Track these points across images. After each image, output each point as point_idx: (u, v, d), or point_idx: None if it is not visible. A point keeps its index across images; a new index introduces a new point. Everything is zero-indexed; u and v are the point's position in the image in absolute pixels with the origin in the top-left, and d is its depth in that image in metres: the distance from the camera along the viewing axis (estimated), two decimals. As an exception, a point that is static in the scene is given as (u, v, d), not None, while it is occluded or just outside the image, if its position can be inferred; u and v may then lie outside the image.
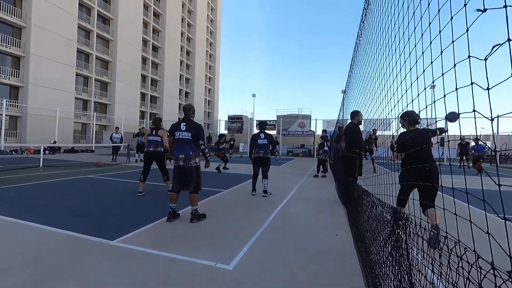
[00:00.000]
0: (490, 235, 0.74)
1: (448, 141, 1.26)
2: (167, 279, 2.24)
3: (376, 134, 10.99)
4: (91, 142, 25.77)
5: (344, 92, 8.52)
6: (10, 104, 21.74)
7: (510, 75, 0.53)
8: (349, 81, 6.50)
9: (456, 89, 0.86)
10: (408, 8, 1.41)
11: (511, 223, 1.04)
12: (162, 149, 5.65)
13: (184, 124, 3.88)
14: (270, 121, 26.22)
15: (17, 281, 2.15)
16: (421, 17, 1.20)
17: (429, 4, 1.09)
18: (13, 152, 17.06)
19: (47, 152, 17.59)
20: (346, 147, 5.12)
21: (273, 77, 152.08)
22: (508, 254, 0.61)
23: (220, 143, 11.06)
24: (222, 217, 4.12)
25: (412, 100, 1.33)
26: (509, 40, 0.58)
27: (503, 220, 0.68)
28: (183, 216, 4.04)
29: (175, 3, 42.16)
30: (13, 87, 22.42)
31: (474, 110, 0.76)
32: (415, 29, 1.30)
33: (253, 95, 34.15)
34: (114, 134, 13.79)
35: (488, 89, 0.67)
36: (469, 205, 0.79)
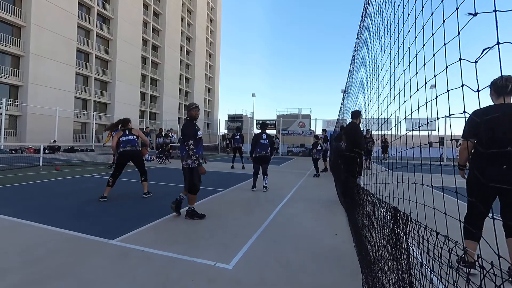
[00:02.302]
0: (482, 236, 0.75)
1: (446, 140, 1.27)
2: (167, 279, 2.25)
3: (371, 133, 10.99)
4: (91, 141, 25.78)
5: (344, 91, 8.53)
6: (10, 104, 21.75)
7: (500, 77, 0.54)
8: (349, 81, 6.51)
9: (448, 90, 0.88)
10: (403, 10, 1.42)
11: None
12: (136, 148, 5.37)
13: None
14: (270, 120, 26.22)
15: (17, 281, 2.16)
16: (415, 20, 1.21)
17: (422, 7, 1.10)
18: (13, 151, 17.08)
19: (47, 151, 17.61)
20: (346, 146, 5.13)
21: (273, 76, 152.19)
22: (497, 252, 0.62)
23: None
24: (222, 216, 4.13)
25: (405, 101, 1.35)
26: (498, 43, 0.59)
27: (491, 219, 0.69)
28: (182, 216, 4.05)
29: (175, 3, 42.12)
30: (13, 86, 22.43)
31: (464, 112, 0.77)
32: (409, 31, 1.31)
33: (253, 95, 34.18)
34: None
35: (478, 91, 0.69)
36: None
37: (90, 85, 29.01)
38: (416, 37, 1.19)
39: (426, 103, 1.03)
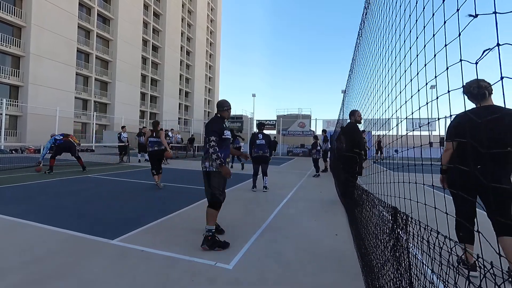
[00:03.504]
0: (480, 234, 0.75)
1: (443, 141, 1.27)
2: (167, 279, 2.25)
3: (364, 135, 10.97)
4: (91, 141, 25.78)
5: (344, 92, 8.53)
6: (10, 104, 21.77)
7: (500, 79, 0.54)
8: (349, 81, 6.50)
9: (448, 91, 0.88)
10: (404, 11, 1.42)
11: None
12: (162, 148, 6.44)
13: None
14: (270, 121, 26.23)
15: (17, 281, 2.16)
16: (416, 20, 1.21)
17: (424, 8, 1.10)
18: (13, 151, 17.08)
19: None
20: (346, 146, 5.13)
21: (273, 76, 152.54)
22: (498, 252, 0.62)
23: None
24: (222, 216, 4.12)
25: (406, 102, 1.35)
26: (498, 45, 0.60)
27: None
28: (182, 216, 4.05)
29: (175, 3, 42.16)
30: (13, 86, 22.45)
31: (465, 111, 0.77)
32: (410, 31, 1.32)
33: (253, 95, 34.18)
34: (122, 133, 13.04)
35: (478, 92, 0.68)
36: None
37: (90, 85, 29.04)
38: (417, 37, 1.19)
39: (427, 103, 1.03)
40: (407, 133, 1.50)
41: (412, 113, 1.25)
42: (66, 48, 25.06)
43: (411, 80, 1.24)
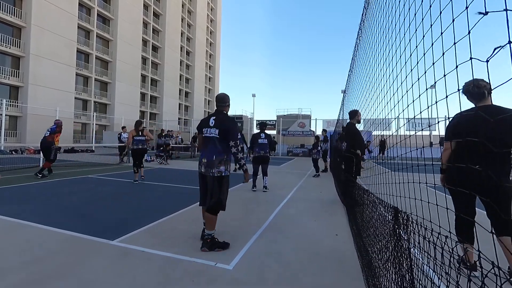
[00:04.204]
0: (478, 234, 0.74)
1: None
2: (167, 279, 2.25)
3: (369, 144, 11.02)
4: (91, 142, 25.76)
5: (344, 92, 8.52)
6: (10, 104, 21.74)
7: (511, 77, 0.53)
8: (349, 81, 6.49)
9: (458, 90, 0.87)
10: (409, 9, 1.41)
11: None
12: (146, 146, 7.21)
13: (214, 118, 3.04)
14: (270, 121, 26.21)
15: (17, 281, 2.15)
16: (422, 19, 1.20)
17: (430, 6, 1.09)
18: (13, 152, 17.05)
19: (47, 152, 17.54)
20: (346, 147, 5.13)
21: (273, 76, 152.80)
22: (496, 252, 0.61)
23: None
24: (222, 217, 4.11)
25: (413, 101, 1.33)
26: (509, 42, 0.58)
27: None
28: (183, 217, 4.04)
29: (175, 3, 42.15)
30: (13, 87, 22.42)
31: (464, 111, 0.76)
32: (416, 30, 1.30)
33: (253, 95, 34.15)
34: (122, 133, 12.98)
35: (491, 89, 0.68)
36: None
37: (90, 86, 29.01)
38: (424, 36, 1.17)
39: (436, 102, 1.01)
40: (410, 135, 1.49)
41: (420, 113, 1.23)
42: (66, 49, 25.03)
43: (418, 79, 1.23)
